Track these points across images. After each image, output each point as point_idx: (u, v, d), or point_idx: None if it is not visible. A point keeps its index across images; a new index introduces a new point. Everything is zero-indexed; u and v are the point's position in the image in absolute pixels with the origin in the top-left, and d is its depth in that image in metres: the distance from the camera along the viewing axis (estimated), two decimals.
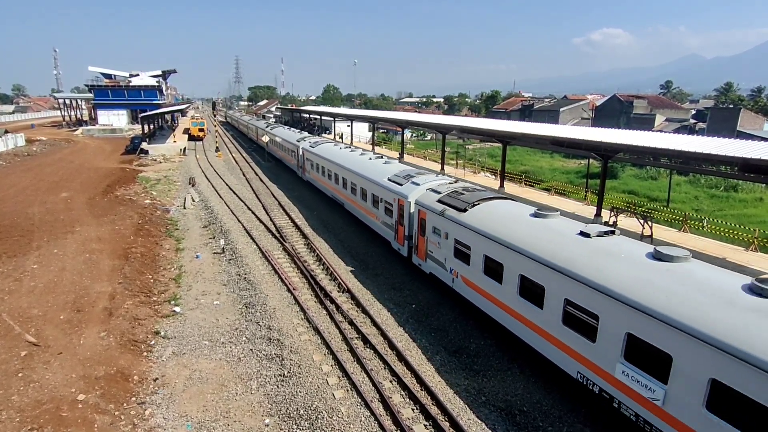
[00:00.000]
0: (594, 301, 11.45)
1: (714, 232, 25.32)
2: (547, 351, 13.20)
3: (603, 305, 11.20)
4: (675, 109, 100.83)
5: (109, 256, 22.54)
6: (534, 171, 57.84)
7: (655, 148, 20.07)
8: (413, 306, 18.81)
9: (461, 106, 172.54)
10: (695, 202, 43.10)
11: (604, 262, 11.77)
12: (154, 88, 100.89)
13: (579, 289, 11.82)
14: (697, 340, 9.09)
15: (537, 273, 13.27)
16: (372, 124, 61.34)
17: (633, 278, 10.90)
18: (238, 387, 13.80)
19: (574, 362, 12.24)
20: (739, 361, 8.43)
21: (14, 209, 30.82)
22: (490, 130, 32.95)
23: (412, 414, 12.40)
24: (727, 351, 8.59)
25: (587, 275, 11.69)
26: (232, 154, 65.43)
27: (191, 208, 34.06)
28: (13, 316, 16.30)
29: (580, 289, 11.81)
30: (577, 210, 28.83)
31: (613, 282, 11.06)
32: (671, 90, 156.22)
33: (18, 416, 11.56)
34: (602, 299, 11.18)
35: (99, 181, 42.06)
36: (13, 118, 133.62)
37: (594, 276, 11.55)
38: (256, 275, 21.12)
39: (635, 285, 10.69)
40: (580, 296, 11.83)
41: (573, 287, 12.03)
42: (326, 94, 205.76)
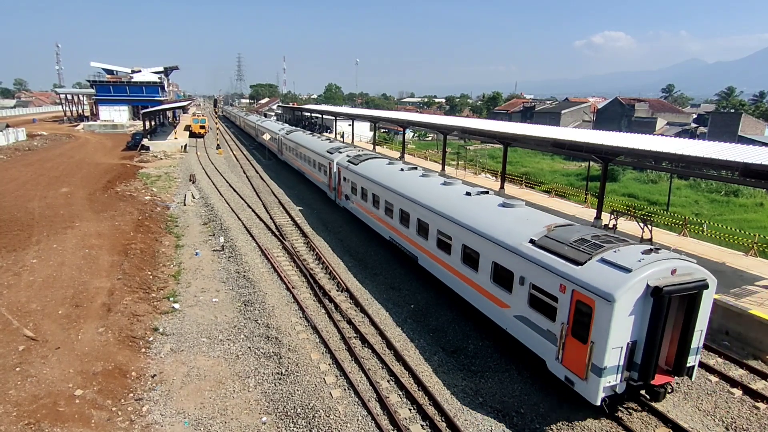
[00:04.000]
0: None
1: (714, 237, 25.33)
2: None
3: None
4: (676, 113, 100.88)
5: (109, 252, 22.53)
6: (534, 173, 57.88)
7: (656, 151, 20.07)
8: (412, 306, 18.81)
9: (462, 106, 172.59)
10: (695, 207, 43.11)
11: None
12: (155, 85, 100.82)
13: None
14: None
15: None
16: (373, 123, 61.33)
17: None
18: (236, 384, 13.80)
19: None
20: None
21: (14, 203, 30.81)
22: (491, 132, 32.95)
23: (409, 414, 12.40)
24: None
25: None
26: (233, 152, 65.40)
27: (191, 205, 34.05)
28: (11, 311, 16.30)
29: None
30: (577, 213, 28.85)
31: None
32: (673, 94, 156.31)
33: (15, 411, 11.56)
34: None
35: (99, 177, 42.05)
36: (14, 112, 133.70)
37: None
38: (255, 273, 21.12)
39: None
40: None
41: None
42: (328, 92, 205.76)
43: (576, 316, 11.66)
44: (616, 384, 11.31)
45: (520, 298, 13.61)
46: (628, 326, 11.02)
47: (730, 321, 16.37)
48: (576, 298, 11.61)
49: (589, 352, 11.24)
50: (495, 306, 14.87)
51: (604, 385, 11.16)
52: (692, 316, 11.66)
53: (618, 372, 11.24)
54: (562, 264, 12.20)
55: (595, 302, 11.05)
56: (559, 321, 12.14)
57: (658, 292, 10.80)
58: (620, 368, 11.23)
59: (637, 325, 11.10)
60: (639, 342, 11.21)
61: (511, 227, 14.70)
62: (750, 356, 15.44)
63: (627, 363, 11.29)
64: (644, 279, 10.90)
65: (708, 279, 11.66)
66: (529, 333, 13.35)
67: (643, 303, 10.96)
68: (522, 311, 13.59)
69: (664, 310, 10.93)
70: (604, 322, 10.86)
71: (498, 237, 14.65)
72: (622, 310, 10.78)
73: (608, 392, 11.32)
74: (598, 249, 12.08)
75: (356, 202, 27.10)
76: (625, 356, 11.18)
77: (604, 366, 10.99)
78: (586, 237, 12.84)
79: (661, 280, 10.99)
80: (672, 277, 11.19)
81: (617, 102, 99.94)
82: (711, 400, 13.42)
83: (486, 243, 15.09)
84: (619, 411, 12.44)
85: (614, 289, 10.76)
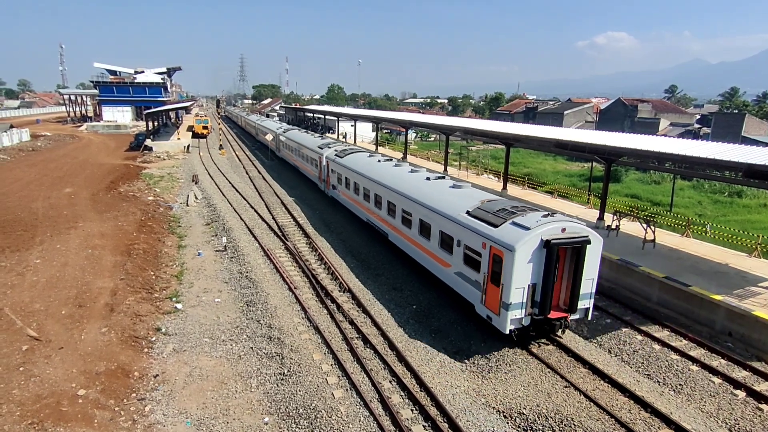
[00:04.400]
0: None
1: (717, 238, 25.23)
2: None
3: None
4: (679, 114, 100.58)
5: (112, 252, 22.59)
6: (537, 173, 57.80)
7: (659, 152, 20.01)
8: (414, 307, 18.80)
9: (465, 107, 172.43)
10: (698, 207, 42.99)
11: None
12: (158, 85, 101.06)
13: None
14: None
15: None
16: (375, 124, 61.35)
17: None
18: (238, 385, 13.82)
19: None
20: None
21: (18, 204, 30.93)
22: (494, 132, 32.93)
23: (411, 415, 12.40)
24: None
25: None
26: (235, 152, 65.52)
27: (194, 206, 34.13)
28: (15, 311, 16.36)
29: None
30: (580, 213, 28.79)
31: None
32: (676, 94, 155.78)
33: (18, 410, 11.60)
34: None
35: (103, 177, 42.18)
36: (18, 113, 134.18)
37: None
38: (257, 273, 21.14)
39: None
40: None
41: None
42: (330, 93, 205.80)
43: (493, 266, 14.81)
44: (521, 317, 14.52)
45: (458, 258, 16.76)
46: (527, 271, 14.16)
47: (733, 322, 16.31)
48: (492, 252, 14.77)
49: (501, 293, 14.46)
50: (441, 267, 18.06)
51: (511, 318, 14.38)
52: (579, 265, 14.68)
53: (522, 308, 14.43)
54: (484, 227, 15.42)
55: (504, 253, 14.23)
56: (482, 272, 15.33)
57: (548, 244, 13.98)
58: (524, 305, 14.42)
59: (535, 271, 14.22)
60: (538, 284, 14.37)
61: (455, 202, 17.88)
62: (754, 358, 15.37)
63: (530, 301, 14.46)
64: (539, 235, 14.04)
65: (590, 236, 14.68)
66: (464, 285, 16.58)
67: (538, 253, 14.08)
68: (459, 268, 16.79)
69: (554, 258, 14.10)
70: (509, 268, 13.99)
71: (444, 210, 17.87)
72: (522, 258, 13.93)
73: (516, 324, 14.56)
74: (512, 215, 15.29)
75: (341, 190, 30.74)
76: (527, 295, 14.37)
77: (510, 302, 14.18)
78: (506, 207, 16.08)
79: (552, 235, 14.13)
80: (562, 233, 14.31)
81: (620, 102, 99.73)
82: (714, 402, 13.37)
83: (435, 216, 18.29)
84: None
85: (515, 242, 13.97)
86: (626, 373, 14.60)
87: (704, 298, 17.04)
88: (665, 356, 15.45)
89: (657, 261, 20.33)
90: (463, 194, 18.70)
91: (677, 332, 16.83)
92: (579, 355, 15.06)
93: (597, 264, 15.17)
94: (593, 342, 16.79)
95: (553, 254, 14.02)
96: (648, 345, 16.13)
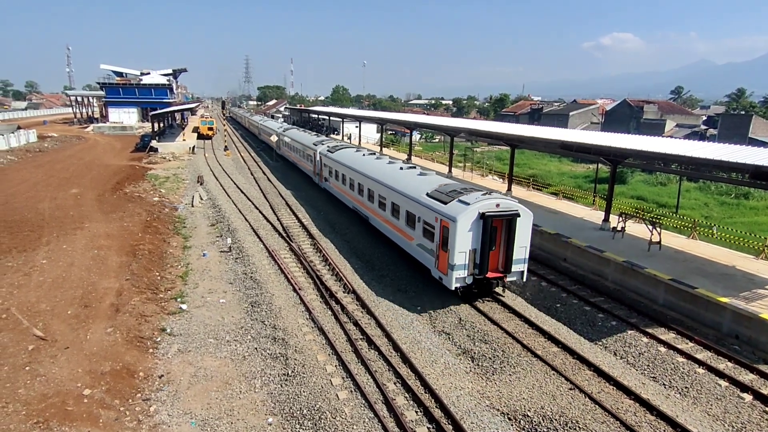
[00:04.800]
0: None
1: (724, 240, 25.07)
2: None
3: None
4: (685, 115, 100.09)
5: (117, 253, 22.70)
6: (542, 175, 57.63)
7: (665, 153, 19.92)
8: (419, 308, 18.77)
9: (470, 108, 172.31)
10: (705, 209, 42.73)
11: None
12: (164, 87, 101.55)
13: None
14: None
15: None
16: (380, 125, 61.40)
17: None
18: (242, 385, 13.84)
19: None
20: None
21: (25, 204, 31.14)
22: (499, 134, 32.87)
23: (416, 416, 12.37)
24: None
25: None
26: (240, 153, 65.72)
27: (199, 206, 34.25)
28: (21, 310, 16.46)
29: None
30: (585, 215, 28.69)
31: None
32: (682, 95, 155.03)
33: (24, 409, 11.67)
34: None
35: (108, 178, 42.41)
36: (25, 114, 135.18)
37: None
38: (262, 274, 21.18)
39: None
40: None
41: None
42: (335, 94, 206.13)
43: (442, 235, 18.00)
44: (465, 277, 17.70)
45: (419, 232, 20.07)
46: (468, 239, 17.33)
47: (740, 325, 16.19)
48: (442, 224, 18.02)
49: (448, 257, 17.61)
50: (407, 240, 21.48)
51: (456, 277, 17.54)
52: (512, 235, 17.85)
53: (465, 269, 17.61)
54: (437, 204, 18.68)
55: (449, 224, 17.46)
56: (435, 241, 18.56)
57: (484, 216, 17.16)
58: (466, 266, 17.60)
59: (474, 238, 17.37)
60: (477, 249, 17.50)
61: (419, 186, 21.05)
62: (761, 361, 15.25)
63: (471, 263, 17.61)
64: (477, 209, 17.23)
65: (520, 211, 17.87)
66: (423, 254, 19.89)
67: (477, 224, 17.26)
68: (420, 240, 20.12)
69: (489, 228, 17.27)
70: (453, 235, 17.22)
71: (410, 193, 21.10)
72: (463, 228, 17.16)
73: (461, 282, 17.75)
74: (459, 194, 18.41)
75: (332, 182, 33.92)
76: (469, 258, 17.54)
77: (455, 264, 17.36)
78: (456, 188, 19.25)
79: (487, 209, 17.33)
80: (496, 208, 17.53)
81: (626, 104, 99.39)
82: (721, 405, 13.28)
83: (403, 198, 21.58)
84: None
85: (458, 214, 17.23)
86: (632, 375, 14.53)
87: (711, 300, 16.93)
88: (671, 359, 15.37)
89: (663, 263, 20.22)
90: (426, 180, 21.96)
91: (683, 335, 16.73)
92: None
93: (528, 234, 18.28)
94: (599, 344, 16.72)
95: (488, 224, 17.22)
96: (654, 347, 16.04)
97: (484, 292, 19.13)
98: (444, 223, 17.81)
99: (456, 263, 17.30)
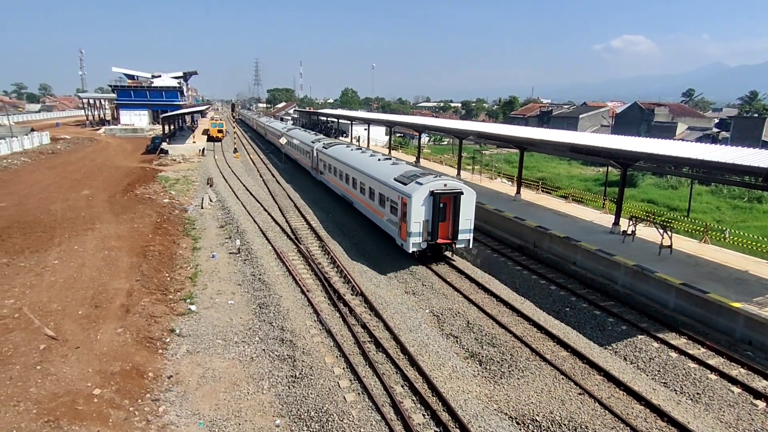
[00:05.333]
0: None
1: (736, 244, 24.74)
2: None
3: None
4: (697, 118, 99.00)
5: (128, 254, 22.90)
6: (551, 178, 57.31)
7: (676, 156, 19.73)
8: (427, 311, 18.73)
9: (478, 111, 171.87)
10: (717, 213, 42.20)
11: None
12: (175, 89, 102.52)
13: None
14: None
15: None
16: (389, 128, 61.44)
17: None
18: (250, 386, 13.88)
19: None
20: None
21: (38, 206, 31.55)
22: (507, 136, 32.75)
23: (423, 420, 12.33)
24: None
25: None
26: (250, 156, 66.08)
27: (208, 208, 34.47)
28: (33, 310, 16.65)
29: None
30: (595, 218, 28.47)
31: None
32: (693, 98, 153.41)
33: (35, 408, 11.78)
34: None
35: (120, 180, 42.84)
36: (39, 116, 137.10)
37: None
38: (270, 276, 21.25)
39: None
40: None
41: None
42: (344, 97, 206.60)
43: (402, 210, 22.25)
44: (420, 242, 21.99)
45: (388, 209, 24.45)
46: (421, 212, 21.57)
47: (754, 331, 15.96)
48: (402, 201, 22.25)
49: (406, 226, 21.87)
50: (379, 217, 25.92)
51: (413, 242, 21.88)
52: (457, 209, 22.12)
53: (420, 236, 21.90)
54: (400, 186, 23.02)
55: (407, 200, 21.69)
56: (398, 215, 22.78)
57: (433, 194, 21.44)
58: (421, 234, 21.87)
59: (427, 211, 21.61)
60: (429, 221, 21.77)
61: (390, 173, 25.31)
62: None
63: (425, 232, 21.87)
64: (428, 188, 21.50)
65: (464, 189, 22.21)
66: (390, 226, 24.25)
67: (428, 200, 21.48)
68: (388, 216, 24.48)
69: (438, 203, 21.61)
70: (410, 209, 21.51)
71: (382, 179, 25.44)
72: (417, 203, 21.41)
73: (417, 247, 22.04)
74: (417, 177, 22.74)
75: (326, 174, 38.69)
76: (423, 228, 21.78)
77: (411, 232, 21.71)
78: (416, 173, 23.65)
79: (436, 188, 21.56)
80: (444, 187, 21.79)
81: (636, 106, 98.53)
82: (733, 412, 13.08)
83: (377, 183, 25.99)
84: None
85: (412, 192, 21.50)
86: (642, 380, 14.37)
87: (723, 305, 16.71)
88: (682, 364, 15.17)
89: (674, 267, 20.00)
90: (396, 168, 26.16)
91: (695, 340, 16.51)
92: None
93: (472, 210, 22.56)
94: (608, 348, 16.56)
95: (437, 200, 21.51)
96: (665, 352, 15.85)
97: (437, 257, 23.24)
98: (404, 200, 22.04)
99: (412, 231, 21.64)
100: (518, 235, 27.24)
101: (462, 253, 24.78)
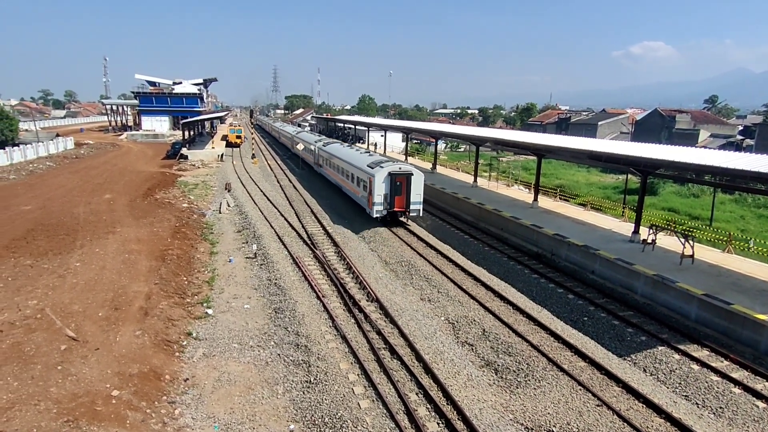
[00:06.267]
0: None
1: (762, 254, 24.10)
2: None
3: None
4: (720, 125, 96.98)
5: (147, 257, 23.26)
6: (569, 185, 56.62)
7: (698, 164, 19.36)
8: (442, 318, 18.61)
9: (496, 118, 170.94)
10: (741, 222, 41.20)
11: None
12: (195, 96, 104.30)
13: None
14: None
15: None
16: (406, 134, 61.52)
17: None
18: (265, 391, 13.94)
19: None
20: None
21: (62, 209, 32.29)
22: (525, 143, 32.52)
23: (438, 428, 12.22)
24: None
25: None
26: (267, 161, 66.74)
27: (226, 213, 34.88)
28: (55, 311, 16.99)
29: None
30: (614, 227, 28.04)
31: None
32: (716, 105, 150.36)
33: (55, 407, 11.98)
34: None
35: (140, 184, 43.64)
36: (64, 122, 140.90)
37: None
38: (286, 281, 21.37)
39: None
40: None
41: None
42: (361, 104, 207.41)
43: (370, 187, 29.68)
44: (381, 210, 29.53)
45: (362, 188, 32.02)
46: (382, 188, 29.16)
47: None
48: (370, 180, 29.67)
49: (372, 199, 29.41)
50: (357, 195, 33.83)
51: (376, 210, 29.45)
52: (409, 187, 29.51)
53: (382, 206, 29.43)
54: (369, 169, 30.55)
55: (372, 179, 29.19)
56: (367, 192, 30.31)
57: (390, 174, 29.13)
58: (383, 204, 29.40)
59: (387, 188, 29.22)
60: (388, 194, 29.33)
61: (365, 162, 32.65)
62: None
63: (386, 203, 29.42)
64: (387, 170, 29.25)
65: (414, 171, 29.94)
66: (363, 200, 31.95)
67: (387, 179, 29.08)
68: (362, 193, 32.07)
69: (394, 181, 29.15)
70: (374, 186, 29.05)
71: (360, 166, 32.94)
72: (379, 181, 28.97)
73: (380, 213, 29.54)
74: (381, 163, 30.49)
75: (324, 167, 47.00)
76: (384, 199, 29.35)
77: (375, 202, 29.26)
78: (382, 161, 31.56)
79: (393, 170, 29.32)
80: (399, 170, 29.53)
81: (657, 113, 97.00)
82: (758, 428, 12.71)
83: (356, 169, 33.55)
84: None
85: (375, 173, 29.16)
86: (662, 393, 14.05)
87: (748, 317, 16.27)
88: (704, 377, 14.79)
89: (696, 277, 19.57)
90: (369, 158, 34.02)
91: (718, 352, 16.09)
92: None
93: (421, 188, 29.99)
94: (627, 360, 16.24)
95: (393, 179, 29.12)
96: (686, 365, 15.48)
97: (395, 222, 30.63)
98: (370, 179, 29.54)
99: (376, 202, 29.24)
100: (535, 243, 26.97)
101: (475, 258, 24.61)
